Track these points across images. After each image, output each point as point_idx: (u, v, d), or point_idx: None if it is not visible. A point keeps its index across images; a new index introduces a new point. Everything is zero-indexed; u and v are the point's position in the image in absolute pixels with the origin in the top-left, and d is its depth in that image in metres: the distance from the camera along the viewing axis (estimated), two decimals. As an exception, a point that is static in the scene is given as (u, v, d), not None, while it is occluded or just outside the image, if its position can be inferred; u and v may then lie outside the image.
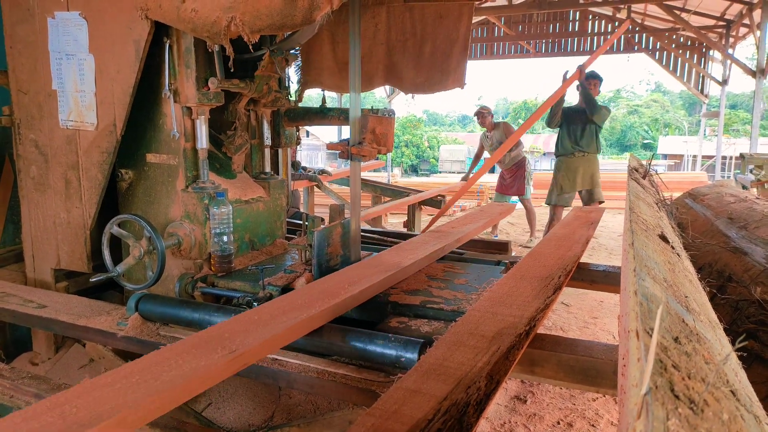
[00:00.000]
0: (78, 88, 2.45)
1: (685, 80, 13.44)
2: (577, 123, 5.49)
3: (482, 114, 6.80)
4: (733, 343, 0.89)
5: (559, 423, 2.65)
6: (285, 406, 2.14)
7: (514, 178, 6.86)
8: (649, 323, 0.56)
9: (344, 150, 2.39)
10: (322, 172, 6.09)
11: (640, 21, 13.16)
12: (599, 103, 5.43)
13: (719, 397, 0.47)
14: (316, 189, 6.06)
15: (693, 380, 0.46)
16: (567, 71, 5.03)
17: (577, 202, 5.66)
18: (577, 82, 5.17)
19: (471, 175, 6.62)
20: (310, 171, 5.76)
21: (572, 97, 5.82)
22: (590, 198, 5.64)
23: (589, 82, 5.34)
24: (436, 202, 5.71)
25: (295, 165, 5.44)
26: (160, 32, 2.29)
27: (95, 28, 2.37)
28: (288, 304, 1.69)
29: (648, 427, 0.37)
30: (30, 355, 2.77)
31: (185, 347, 1.34)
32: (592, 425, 2.62)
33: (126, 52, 2.30)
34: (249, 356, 1.35)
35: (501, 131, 6.66)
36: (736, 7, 10.69)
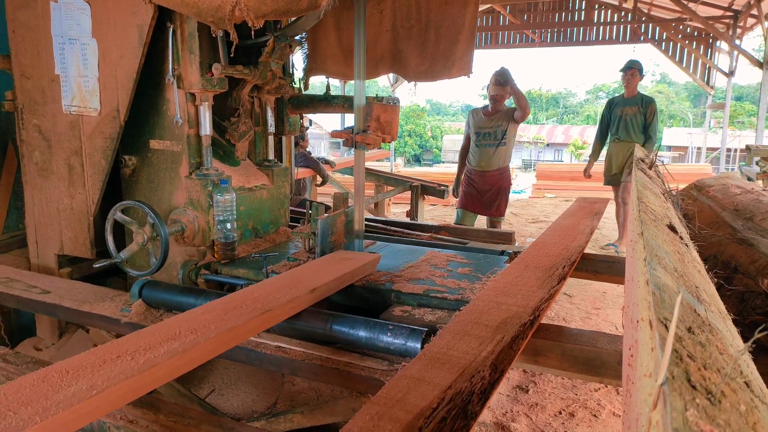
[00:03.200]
0: (81, 73, 2.44)
1: (691, 71, 13.34)
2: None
3: (501, 82, 4.43)
4: (741, 334, 0.88)
5: (561, 413, 2.65)
6: (288, 393, 2.14)
7: (496, 191, 4.60)
8: (663, 313, 0.55)
9: (348, 138, 2.37)
10: (325, 162, 6.03)
11: (646, 11, 13.03)
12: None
13: (735, 388, 0.46)
14: (318, 177, 6.04)
15: (709, 371, 0.45)
16: None
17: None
18: None
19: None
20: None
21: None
22: None
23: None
24: (439, 191, 5.69)
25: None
26: (163, 17, 2.27)
27: (98, 12, 2.35)
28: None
29: (666, 418, 0.36)
30: (34, 340, 2.78)
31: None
32: (594, 415, 2.63)
33: (129, 36, 2.28)
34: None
35: (508, 117, 4.52)
36: (744, -3, 10.58)
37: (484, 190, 4.59)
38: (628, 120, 5.59)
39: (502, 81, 4.52)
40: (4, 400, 1.06)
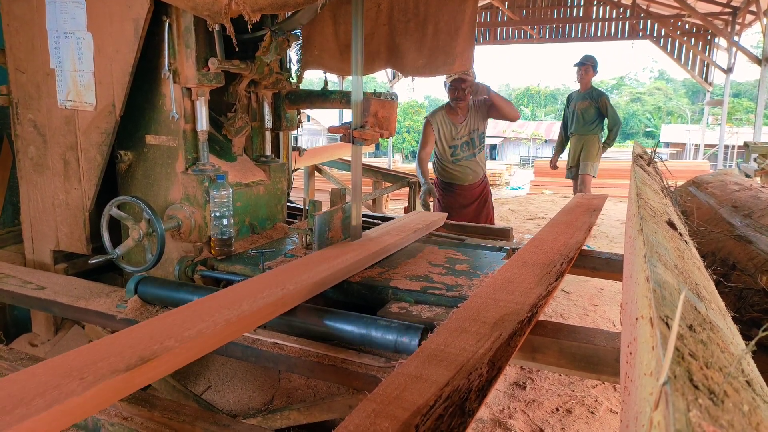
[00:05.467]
0: (76, 68, 2.42)
1: (689, 68, 13.33)
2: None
3: (461, 87, 3.72)
4: (740, 332, 0.87)
5: (558, 409, 2.65)
6: (285, 390, 2.13)
7: (484, 199, 4.03)
8: (664, 310, 0.54)
9: (346, 133, 2.36)
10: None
11: (645, 7, 13.01)
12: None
13: (737, 388, 0.45)
14: (316, 174, 6.03)
15: (711, 369, 0.44)
16: None
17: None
18: None
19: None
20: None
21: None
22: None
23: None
24: (437, 188, 5.67)
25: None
26: (159, 11, 2.25)
27: (93, 5, 2.32)
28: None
29: (669, 419, 0.35)
30: (29, 336, 2.76)
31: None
32: (591, 412, 2.63)
33: (125, 30, 2.26)
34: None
35: (479, 115, 3.85)
36: (743, -6, 10.57)
37: (468, 203, 3.96)
38: (581, 114, 5.85)
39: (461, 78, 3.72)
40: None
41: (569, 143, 6.05)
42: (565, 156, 6.31)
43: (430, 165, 4.10)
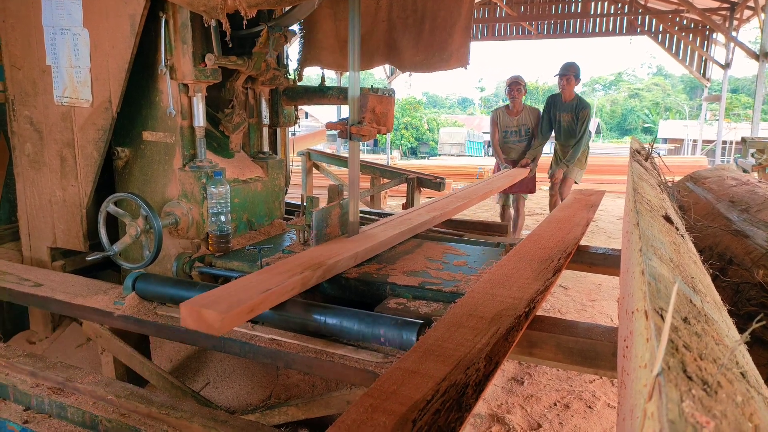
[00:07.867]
0: (73, 64, 2.41)
1: (687, 63, 13.34)
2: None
3: (518, 86, 5.32)
4: (736, 325, 0.87)
5: (555, 404, 2.66)
6: (283, 386, 2.14)
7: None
8: (658, 303, 0.55)
9: (344, 129, 2.36)
10: None
11: (643, 2, 13.00)
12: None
13: (731, 379, 0.45)
14: (314, 170, 6.03)
15: (705, 361, 0.45)
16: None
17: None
18: None
19: (504, 169, 5.26)
20: None
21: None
22: None
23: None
24: (435, 184, 5.66)
25: None
26: (155, 6, 2.24)
27: (89, 1, 2.31)
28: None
29: (662, 410, 0.35)
30: (27, 333, 2.76)
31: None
32: (589, 407, 2.63)
33: (121, 26, 2.26)
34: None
35: (531, 117, 5.38)
36: (741, -11, 10.57)
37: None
38: (566, 126, 5.50)
39: (517, 80, 5.32)
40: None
41: (554, 149, 5.75)
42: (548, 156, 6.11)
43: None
